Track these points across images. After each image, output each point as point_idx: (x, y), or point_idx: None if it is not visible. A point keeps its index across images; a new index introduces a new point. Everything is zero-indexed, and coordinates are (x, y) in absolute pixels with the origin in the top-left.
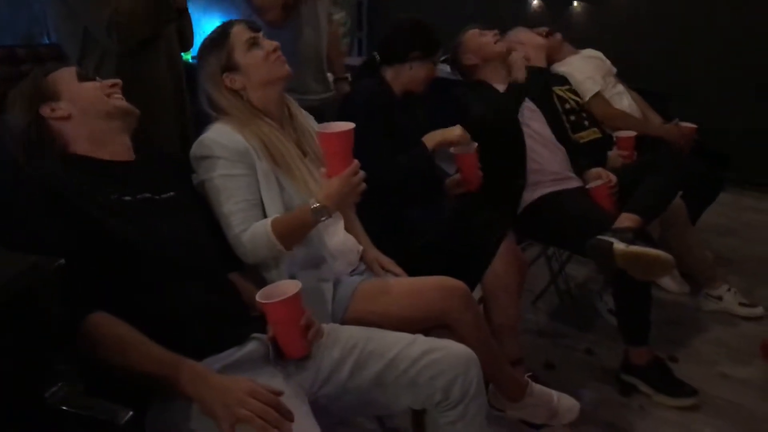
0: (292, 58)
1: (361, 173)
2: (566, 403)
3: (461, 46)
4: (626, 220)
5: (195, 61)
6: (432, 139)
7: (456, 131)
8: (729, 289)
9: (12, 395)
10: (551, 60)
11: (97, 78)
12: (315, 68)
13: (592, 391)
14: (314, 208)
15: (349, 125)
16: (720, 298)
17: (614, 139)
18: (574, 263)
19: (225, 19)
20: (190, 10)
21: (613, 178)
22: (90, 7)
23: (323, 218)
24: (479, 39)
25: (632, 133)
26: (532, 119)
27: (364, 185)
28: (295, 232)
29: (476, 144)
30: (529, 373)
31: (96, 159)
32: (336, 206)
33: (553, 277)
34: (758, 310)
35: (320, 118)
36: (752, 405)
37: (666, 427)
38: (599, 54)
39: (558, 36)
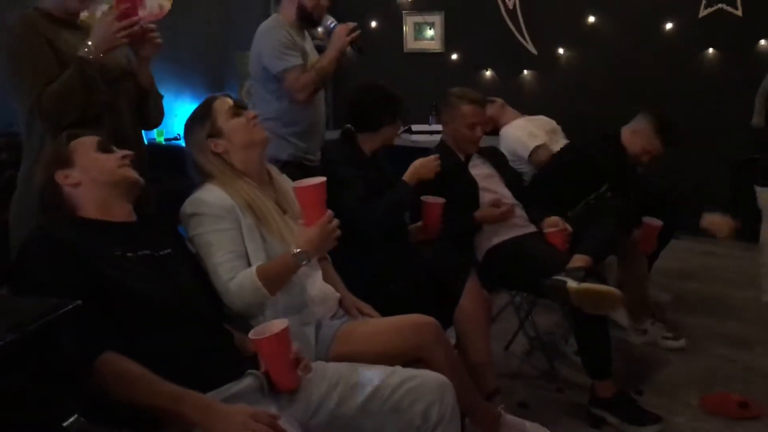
0: (314, 128)
1: (336, 221)
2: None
3: (455, 116)
4: (578, 260)
5: (169, 142)
6: (409, 173)
7: (430, 159)
8: (652, 323)
9: (34, 424)
10: (497, 124)
11: (114, 149)
12: (321, 135)
13: (564, 426)
14: (295, 253)
15: (321, 179)
16: (645, 331)
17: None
18: (540, 311)
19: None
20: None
21: (569, 227)
22: (23, 91)
23: (304, 262)
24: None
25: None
26: (490, 182)
27: (338, 231)
28: (279, 277)
29: (443, 200)
30: (502, 406)
31: (101, 221)
32: (315, 251)
33: (521, 324)
34: (681, 342)
35: None
36: (710, 428)
37: None
38: (542, 117)
39: (498, 101)
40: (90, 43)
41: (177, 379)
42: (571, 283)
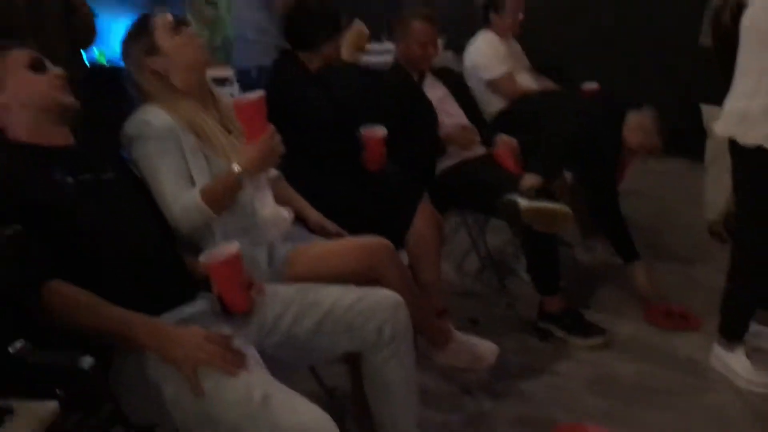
0: None
1: (278, 137)
2: (487, 348)
3: (406, 34)
4: (528, 179)
5: (111, 63)
6: None
7: None
8: (601, 241)
9: None
10: None
11: (48, 66)
12: None
13: (513, 340)
14: (237, 171)
15: (260, 93)
16: (594, 249)
17: None
18: (491, 230)
19: None
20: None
21: (515, 141)
22: None
23: (246, 180)
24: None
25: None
26: (444, 103)
27: (281, 148)
28: (223, 196)
29: (385, 131)
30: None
31: (35, 145)
32: (257, 168)
33: (473, 244)
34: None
35: None
36: (653, 338)
37: (579, 365)
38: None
39: None
40: None
41: (127, 305)
42: (522, 202)
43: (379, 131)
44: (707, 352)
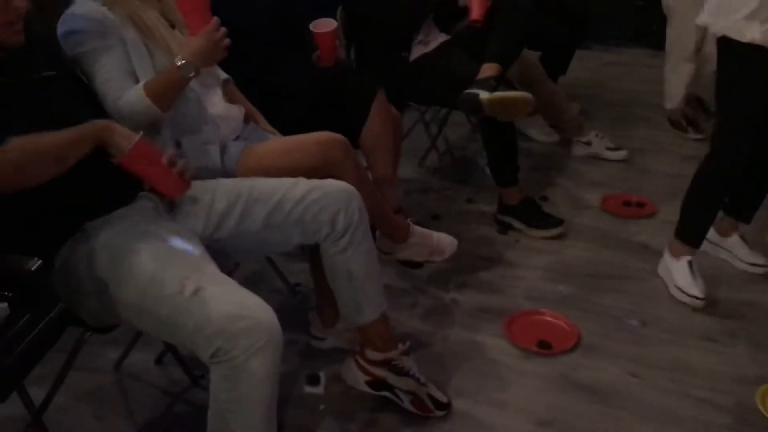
0: None
1: (223, 29)
2: (445, 240)
3: None
4: (487, 70)
5: None
6: None
7: None
8: (597, 135)
9: None
10: None
11: None
12: None
13: (473, 233)
14: (180, 64)
15: None
16: (589, 143)
17: None
18: (450, 125)
19: None
20: None
21: None
22: None
23: (191, 74)
24: None
25: None
26: None
27: (227, 40)
28: (167, 91)
29: (336, 23)
30: (412, 219)
31: None
32: (202, 61)
33: (433, 141)
34: (622, 153)
35: None
36: (609, 227)
37: (537, 255)
38: None
39: None
40: None
41: (67, 205)
42: (483, 94)
43: (330, 24)
44: (662, 238)
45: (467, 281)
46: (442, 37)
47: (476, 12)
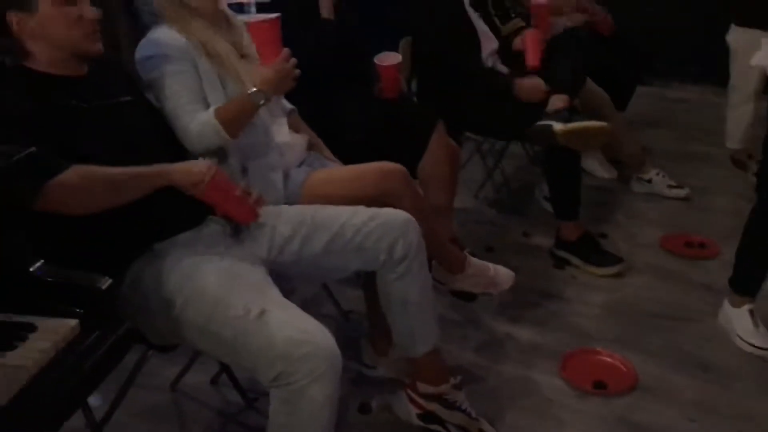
0: None
1: (293, 60)
2: (503, 273)
3: None
4: (556, 101)
5: None
6: None
7: None
8: (658, 173)
9: (2, 272)
10: None
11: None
12: None
13: (528, 267)
14: (252, 92)
15: (275, 15)
16: (650, 181)
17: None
18: (507, 157)
19: None
20: None
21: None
22: None
23: (261, 102)
24: None
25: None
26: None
27: (297, 71)
28: (238, 118)
29: (400, 57)
30: (468, 250)
31: (52, 75)
32: (272, 89)
33: (490, 172)
34: (684, 191)
35: None
36: (669, 267)
37: (595, 291)
38: None
39: None
40: None
41: (138, 226)
42: (557, 126)
43: (393, 58)
44: (724, 280)
45: (522, 316)
46: (504, 69)
47: (532, 58)
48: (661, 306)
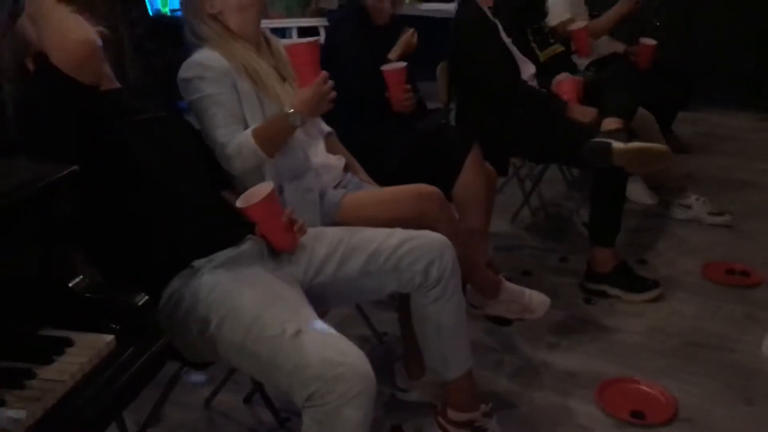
0: None
1: (330, 82)
2: (538, 299)
3: None
4: (612, 123)
5: (174, 13)
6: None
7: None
8: (698, 199)
9: (42, 287)
10: None
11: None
12: None
13: (566, 292)
14: (289, 113)
15: (314, 39)
16: (690, 207)
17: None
18: (544, 182)
19: None
20: None
21: (579, 79)
22: None
23: (298, 123)
24: None
25: (582, 24)
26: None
27: (333, 93)
28: (274, 138)
29: (405, 63)
30: (503, 274)
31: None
32: (309, 112)
33: (527, 196)
34: (725, 218)
35: None
36: (711, 295)
37: (632, 319)
38: None
39: None
40: None
41: (178, 242)
42: (617, 144)
43: (398, 65)
44: (767, 308)
45: (558, 343)
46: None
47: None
48: (702, 335)
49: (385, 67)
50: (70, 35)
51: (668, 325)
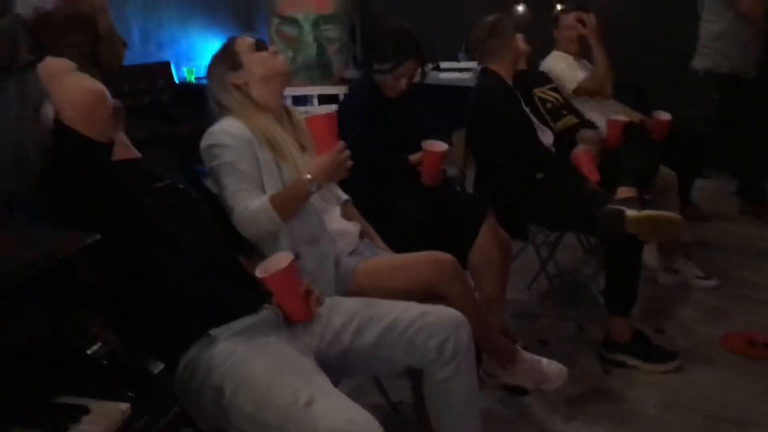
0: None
1: (347, 152)
2: (555, 369)
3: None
4: (625, 192)
5: (199, 81)
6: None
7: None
8: (685, 263)
9: (61, 353)
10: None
11: None
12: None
13: (584, 362)
14: (307, 179)
15: (332, 110)
16: (677, 271)
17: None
18: (561, 249)
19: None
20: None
21: (594, 149)
22: None
23: (314, 189)
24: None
25: (624, 119)
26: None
27: (350, 162)
28: (291, 203)
29: (446, 147)
30: (519, 343)
31: (117, 160)
32: (326, 177)
33: (543, 264)
34: (713, 282)
35: None
36: (732, 366)
37: (651, 390)
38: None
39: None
40: None
41: (196, 311)
42: (630, 212)
43: (439, 146)
44: None
45: (575, 414)
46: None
47: (591, 176)
48: (721, 409)
49: (427, 146)
50: (78, 86)
51: (688, 398)
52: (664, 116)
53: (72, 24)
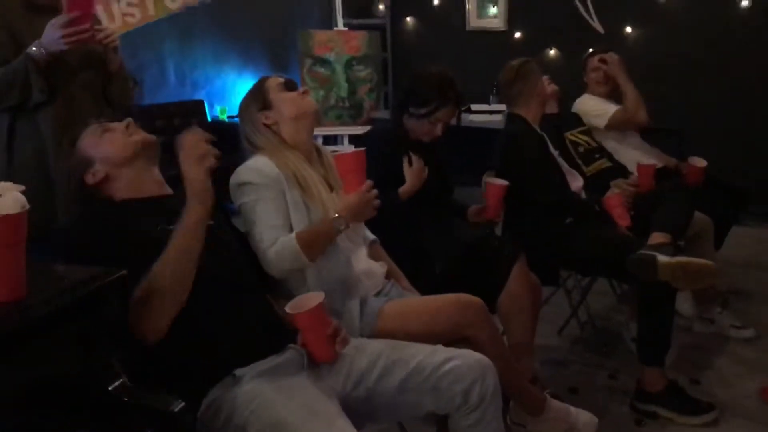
0: None
1: (374, 191)
2: (584, 418)
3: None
4: (659, 237)
5: (232, 119)
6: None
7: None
8: (720, 312)
9: (83, 389)
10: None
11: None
12: None
13: (615, 411)
14: (334, 218)
15: (361, 149)
16: (712, 321)
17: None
18: (592, 294)
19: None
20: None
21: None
22: None
23: (341, 228)
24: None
25: (654, 163)
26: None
27: (377, 201)
28: (318, 241)
29: (506, 183)
30: (548, 390)
31: (138, 199)
32: (353, 217)
33: (574, 309)
34: (751, 332)
35: None
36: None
37: None
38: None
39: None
40: (38, 42)
41: (221, 350)
42: (662, 258)
43: (503, 182)
44: None
45: None
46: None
47: (622, 221)
48: None
49: (489, 182)
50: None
51: None
52: (700, 162)
53: (83, 64)
